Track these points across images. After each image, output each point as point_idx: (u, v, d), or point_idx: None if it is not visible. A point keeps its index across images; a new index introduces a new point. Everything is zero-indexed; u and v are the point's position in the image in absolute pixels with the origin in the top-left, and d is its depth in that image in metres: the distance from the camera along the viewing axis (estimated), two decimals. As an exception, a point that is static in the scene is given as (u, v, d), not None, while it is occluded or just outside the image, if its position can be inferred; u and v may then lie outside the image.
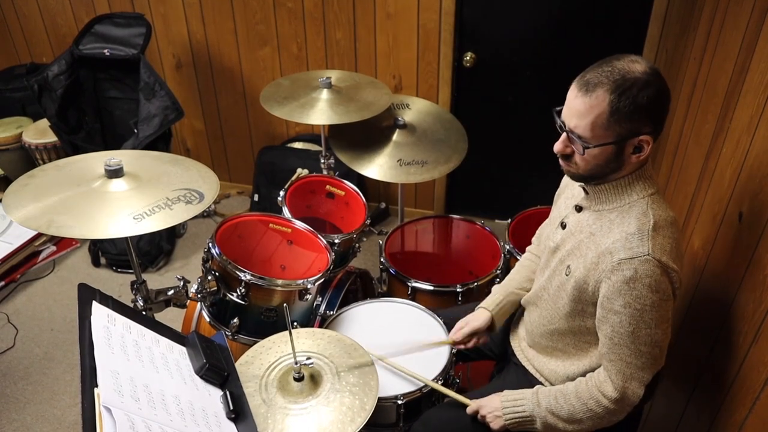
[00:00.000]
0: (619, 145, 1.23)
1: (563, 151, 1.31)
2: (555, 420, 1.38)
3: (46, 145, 3.38)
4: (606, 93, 1.19)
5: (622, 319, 1.25)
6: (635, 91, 1.17)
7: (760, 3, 1.52)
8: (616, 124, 1.20)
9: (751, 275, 1.35)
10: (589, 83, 1.21)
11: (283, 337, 1.52)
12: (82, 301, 1.23)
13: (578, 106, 1.23)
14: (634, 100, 1.18)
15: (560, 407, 1.37)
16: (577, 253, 1.36)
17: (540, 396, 1.41)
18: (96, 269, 3.19)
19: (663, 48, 2.63)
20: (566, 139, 1.29)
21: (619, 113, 1.19)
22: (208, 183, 1.70)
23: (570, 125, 1.25)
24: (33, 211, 1.48)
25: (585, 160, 1.27)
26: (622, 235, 1.25)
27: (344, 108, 2.27)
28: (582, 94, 1.22)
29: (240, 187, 3.81)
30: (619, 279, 1.23)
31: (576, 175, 1.33)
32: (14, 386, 2.50)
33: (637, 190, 1.29)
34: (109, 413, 1.01)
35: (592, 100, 1.20)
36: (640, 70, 1.19)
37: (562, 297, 1.39)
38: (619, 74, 1.19)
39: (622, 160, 1.26)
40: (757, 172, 1.39)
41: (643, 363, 1.28)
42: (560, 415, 1.37)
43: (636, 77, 1.18)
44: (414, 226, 2.42)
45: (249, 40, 3.27)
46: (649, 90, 1.18)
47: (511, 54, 2.94)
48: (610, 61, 1.21)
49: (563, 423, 1.38)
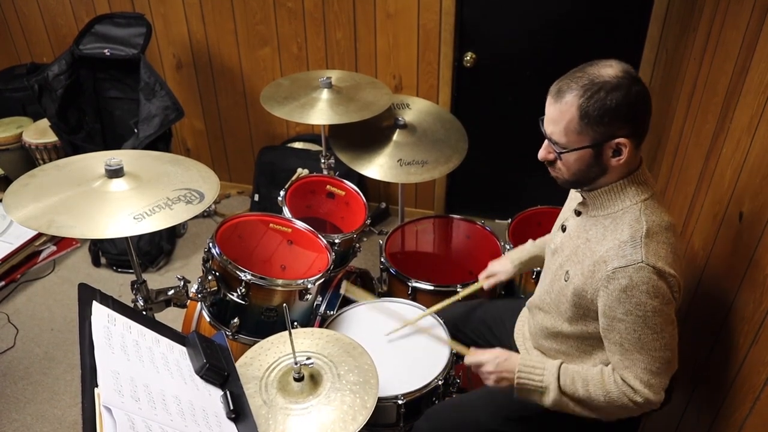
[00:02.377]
0: (596, 149, 1.24)
1: (546, 158, 1.33)
2: (567, 400, 1.36)
3: (46, 145, 3.38)
4: (575, 98, 1.21)
5: (627, 326, 1.25)
6: (603, 94, 1.18)
7: (760, 3, 1.51)
8: (588, 127, 1.21)
9: (751, 275, 1.35)
10: (560, 90, 1.24)
11: (282, 337, 1.52)
12: (82, 301, 1.23)
13: (552, 113, 1.26)
14: (603, 103, 1.18)
15: (576, 389, 1.34)
16: (574, 258, 1.36)
17: (562, 371, 1.38)
18: (96, 269, 3.19)
19: (663, 48, 2.63)
20: (548, 146, 1.31)
21: (589, 117, 1.20)
22: (209, 183, 1.70)
23: (548, 132, 1.29)
24: (33, 211, 1.48)
25: (566, 165, 1.29)
26: (615, 242, 1.25)
27: (344, 108, 2.27)
28: (554, 100, 1.25)
29: (240, 187, 3.81)
30: (616, 288, 1.23)
31: (563, 181, 1.35)
32: (14, 386, 2.50)
33: (630, 195, 1.29)
34: (110, 413, 1.01)
35: (562, 105, 1.23)
36: (610, 74, 1.19)
37: (563, 302, 1.39)
38: (587, 79, 1.20)
39: (603, 163, 1.26)
40: (757, 172, 1.39)
41: (657, 368, 1.27)
42: (575, 396, 1.34)
43: (604, 81, 1.19)
44: (414, 226, 2.42)
45: (249, 40, 3.27)
46: (619, 92, 1.18)
47: (511, 54, 2.94)
48: (583, 67, 1.24)
49: (574, 404, 1.36)
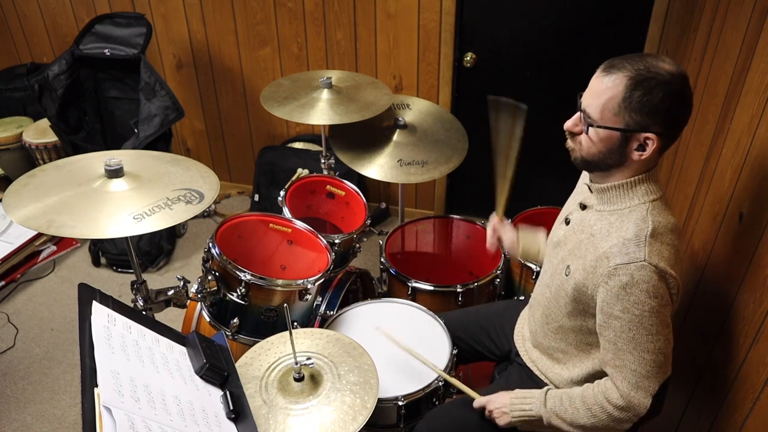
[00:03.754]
0: (625, 135, 1.23)
1: (572, 129, 1.32)
2: (560, 422, 1.39)
3: (46, 144, 3.38)
4: (624, 78, 1.19)
5: (623, 324, 1.25)
6: (653, 84, 1.17)
7: (760, 3, 1.51)
8: (626, 112, 1.20)
9: (751, 275, 1.35)
10: (613, 66, 1.21)
11: (282, 337, 1.52)
12: (82, 301, 1.23)
13: (596, 85, 1.24)
14: (650, 93, 1.17)
15: (565, 410, 1.38)
16: (577, 253, 1.36)
17: (548, 397, 1.42)
18: (96, 269, 3.20)
19: (663, 48, 2.63)
20: (577, 118, 1.30)
21: (631, 102, 1.19)
22: (209, 183, 1.70)
23: (584, 104, 1.27)
24: (33, 211, 1.48)
25: (589, 140, 1.27)
26: (620, 240, 1.25)
27: (344, 108, 2.27)
28: (603, 74, 1.22)
29: (240, 187, 3.81)
30: (616, 284, 1.23)
31: (578, 158, 1.34)
32: (14, 386, 2.50)
33: (640, 194, 1.28)
34: (109, 413, 1.01)
35: (609, 81, 1.21)
36: (666, 69, 1.18)
37: (563, 296, 1.40)
38: (643, 65, 1.18)
39: (625, 154, 1.25)
40: (757, 172, 1.39)
41: (647, 371, 1.27)
42: (564, 418, 1.38)
43: (658, 73, 1.17)
44: (414, 226, 2.42)
45: (249, 40, 3.27)
46: (667, 89, 1.17)
47: (511, 54, 2.94)
48: (643, 54, 1.22)
49: (567, 426, 1.39)
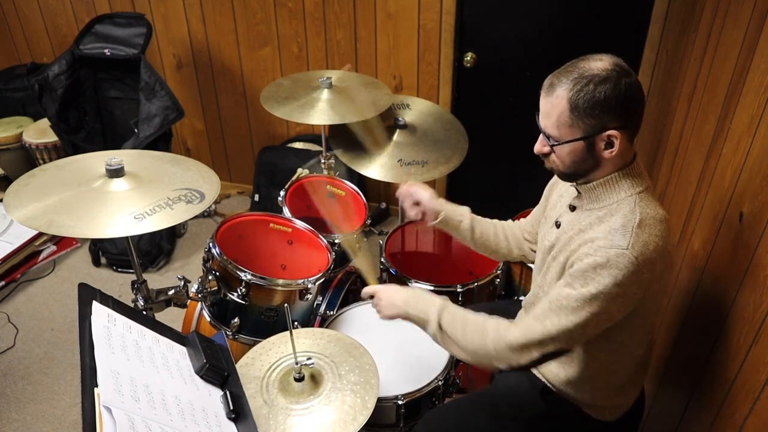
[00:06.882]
0: (588, 141, 1.26)
1: (541, 151, 1.36)
2: (440, 334, 1.42)
3: (46, 144, 3.39)
4: (565, 91, 1.23)
5: (570, 294, 1.26)
6: (592, 86, 1.20)
7: (760, 3, 1.51)
8: (579, 120, 1.23)
9: (751, 276, 1.35)
10: (551, 84, 1.26)
11: (283, 337, 1.52)
12: (82, 301, 1.23)
13: (544, 106, 1.28)
14: (592, 95, 1.20)
15: (455, 329, 1.40)
16: (567, 248, 1.37)
17: (444, 313, 1.43)
18: (96, 269, 3.19)
19: (663, 48, 2.63)
20: (542, 139, 1.34)
21: (579, 109, 1.22)
22: (209, 183, 1.70)
23: (542, 125, 1.31)
24: (33, 210, 1.48)
25: (559, 158, 1.31)
26: (607, 229, 1.28)
27: (344, 108, 2.27)
28: (546, 94, 1.27)
29: (240, 187, 3.81)
30: (589, 262, 1.24)
31: (559, 173, 1.38)
32: (14, 386, 2.50)
33: (625, 188, 1.31)
34: (109, 413, 1.01)
35: (553, 99, 1.25)
36: (600, 67, 1.21)
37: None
38: (577, 72, 1.22)
39: (596, 156, 1.28)
40: (757, 172, 1.39)
41: (554, 338, 1.29)
42: (448, 333, 1.41)
43: (594, 74, 1.21)
44: (414, 226, 2.42)
45: (249, 40, 3.27)
46: (608, 85, 1.20)
47: (511, 54, 2.94)
48: (574, 62, 1.26)
49: (446, 339, 1.42)
